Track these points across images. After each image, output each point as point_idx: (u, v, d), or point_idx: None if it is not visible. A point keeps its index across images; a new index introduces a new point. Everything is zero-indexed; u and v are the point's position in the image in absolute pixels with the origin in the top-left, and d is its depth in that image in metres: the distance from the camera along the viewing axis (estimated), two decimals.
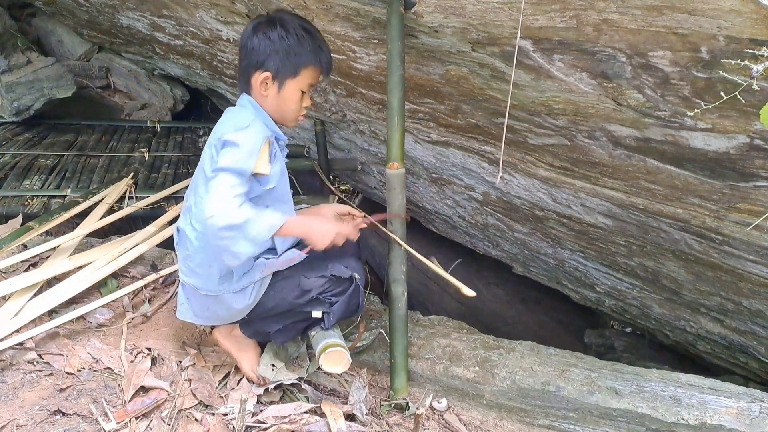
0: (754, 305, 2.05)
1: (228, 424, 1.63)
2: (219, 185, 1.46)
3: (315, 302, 1.71)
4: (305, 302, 1.70)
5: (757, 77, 1.04)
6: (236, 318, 1.75)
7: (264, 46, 1.57)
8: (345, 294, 1.72)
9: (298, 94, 1.64)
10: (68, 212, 2.58)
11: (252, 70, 1.60)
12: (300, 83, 1.62)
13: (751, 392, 1.68)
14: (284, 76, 1.60)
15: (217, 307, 1.69)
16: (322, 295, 1.70)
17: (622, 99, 1.46)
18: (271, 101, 1.63)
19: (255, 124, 1.56)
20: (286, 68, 1.59)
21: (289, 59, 1.58)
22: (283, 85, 1.61)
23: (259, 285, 1.67)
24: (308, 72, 1.62)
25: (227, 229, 1.45)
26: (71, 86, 3.87)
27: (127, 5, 3.19)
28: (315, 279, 1.68)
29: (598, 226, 2.23)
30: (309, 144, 3.51)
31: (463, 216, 3.07)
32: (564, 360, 1.89)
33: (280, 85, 1.61)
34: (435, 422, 1.78)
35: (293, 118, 1.68)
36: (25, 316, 1.88)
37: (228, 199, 1.45)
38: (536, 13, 1.33)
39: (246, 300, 1.66)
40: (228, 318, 1.75)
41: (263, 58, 1.57)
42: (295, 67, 1.59)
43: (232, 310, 1.69)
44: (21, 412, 1.59)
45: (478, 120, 2.07)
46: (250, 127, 1.54)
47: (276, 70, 1.58)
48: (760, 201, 1.51)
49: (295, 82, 1.61)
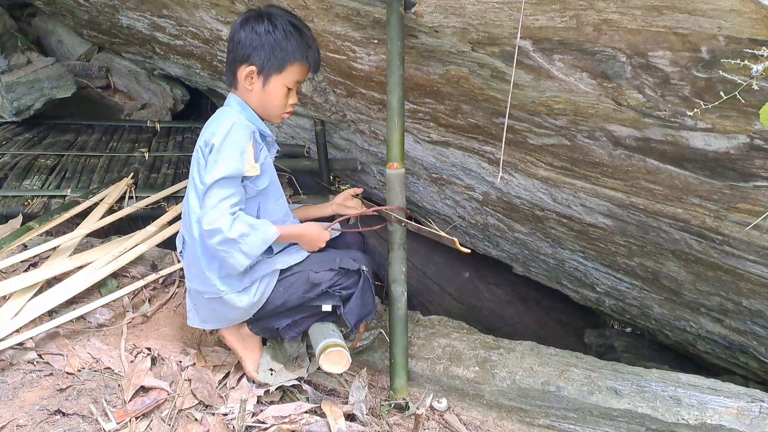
0: (754, 305, 2.05)
1: (228, 424, 1.63)
2: (213, 200, 1.51)
3: (325, 296, 1.71)
4: (315, 296, 1.70)
5: (756, 77, 1.04)
6: (243, 318, 1.76)
7: (250, 40, 1.56)
8: (357, 288, 1.72)
9: (283, 90, 1.62)
10: (68, 212, 2.58)
11: (238, 63, 1.60)
12: (285, 79, 1.61)
13: (751, 392, 1.68)
14: (269, 72, 1.59)
15: (223, 308, 1.69)
16: (332, 289, 1.70)
17: (622, 99, 1.46)
18: (256, 96, 1.62)
19: (237, 126, 1.56)
20: (272, 63, 1.58)
21: (274, 54, 1.57)
22: (269, 80, 1.60)
23: (265, 283, 1.67)
24: (294, 68, 1.61)
25: (222, 243, 1.51)
26: (71, 86, 3.87)
27: (127, 5, 3.19)
28: (324, 273, 1.69)
29: (598, 226, 2.23)
30: (309, 144, 3.51)
31: (463, 216, 3.07)
32: (564, 360, 1.89)
33: (265, 80, 1.60)
34: (435, 422, 1.78)
35: (278, 114, 1.67)
36: (25, 316, 1.88)
37: (223, 213, 1.50)
38: (536, 13, 1.33)
39: (251, 298, 1.66)
40: (235, 319, 1.75)
41: (249, 51, 1.57)
42: (281, 62, 1.58)
43: (238, 310, 1.69)
44: (21, 412, 1.59)
45: (478, 120, 2.07)
46: (232, 129, 1.54)
47: (261, 65, 1.58)
48: (760, 201, 1.51)
49: (281, 78, 1.60)
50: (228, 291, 1.64)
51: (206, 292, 1.68)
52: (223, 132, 1.54)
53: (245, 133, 1.56)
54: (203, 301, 1.72)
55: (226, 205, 1.51)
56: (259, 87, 1.61)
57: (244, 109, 1.64)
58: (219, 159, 1.52)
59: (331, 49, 2.17)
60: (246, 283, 1.65)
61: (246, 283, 1.65)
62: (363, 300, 1.74)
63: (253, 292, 1.66)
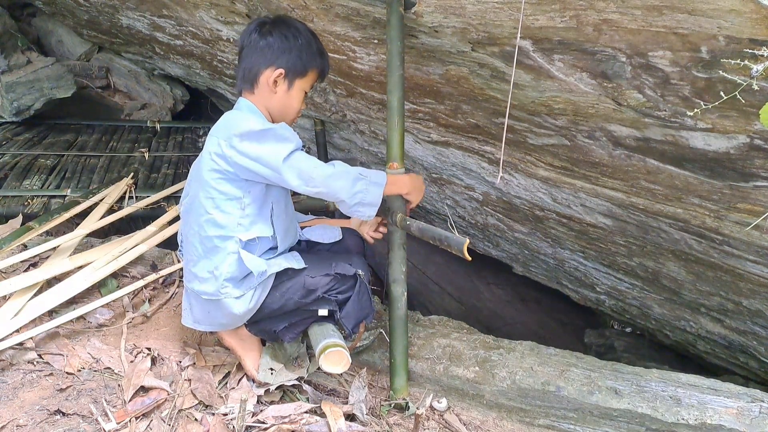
0: (754, 305, 2.05)
1: (228, 424, 1.63)
2: (307, 162, 1.55)
3: (321, 301, 1.71)
4: (311, 301, 1.71)
5: (756, 77, 1.04)
6: (236, 324, 1.75)
7: (279, 44, 1.60)
8: (353, 292, 1.73)
9: (302, 94, 1.68)
10: (68, 212, 2.59)
11: (263, 67, 1.62)
12: (305, 84, 1.67)
13: (751, 392, 1.68)
14: (294, 75, 1.64)
15: (218, 312, 1.69)
16: (328, 294, 1.70)
17: (622, 99, 1.46)
18: (279, 99, 1.65)
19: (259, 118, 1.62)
20: (297, 68, 1.63)
21: (300, 59, 1.62)
22: (293, 83, 1.65)
23: (261, 289, 1.67)
24: (313, 74, 1.68)
25: (355, 181, 1.58)
26: (71, 86, 3.87)
27: (127, 5, 3.19)
28: (319, 278, 1.69)
29: (598, 226, 2.23)
30: (309, 144, 3.52)
31: (463, 216, 3.07)
32: (564, 360, 1.89)
33: (290, 84, 1.64)
34: (435, 422, 1.78)
35: (293, 118, 1.72)
36: (25, 316, 1.88)
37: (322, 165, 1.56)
38: (536, 13, 1.33)
39: (246, 305, 1.66)
40: (228, 324, 1.75)
41: (278, 55, 1.61)
42: (305, 66, 1.64)
43: (232, 316, 1.68)
44: (21, 412, 1.59)
45: (478, 120, 2.07)
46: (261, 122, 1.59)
47: (288, 68, 1.62)
48: (760, 201, 1.51)
49: (302, 83, 1.66)
50: (227, 295, 1.64)
51: (204, 292, 1.67)
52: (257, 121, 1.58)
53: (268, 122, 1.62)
54: (200, 302, 1.72)
55: (316, 163, 1.55)
56: (283, 90, 1.64)
57: (255, 114, 1.65)
58: (272, 136, 1.53)
59: (331, 49, 2.18)
60: (244, 289, 1.64)
61: (244, 289, 1.64)
62: (360, 304, 1.74)
63: (248, 298, 1.65)
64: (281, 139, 1.54)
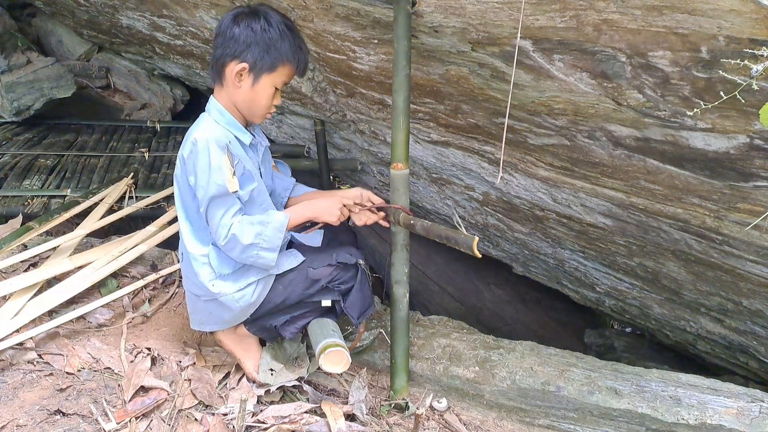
0: (754, 305, 2.05)
1: (228, 424, 1.63)
2: (215, 219, 1.57)
3: (325, 291, 1.71)
4: (315, 292, 1.71)
5: (756, 77, 1.04)
6: (240, 319, 1.75)
7: (245, 36, 1.53)
8: (355, 281, 1.72)
9: (271, 90, 1.60)
10: (68, 212, 2.59)
11: (228, 59, 1.56)
12: (274, 79, 1.59)
13: (751, 392, 1.68)
14: (260, 70, 1.56)
15: (219, 309, 1.69)
16: (331, 284, 1.70)
17: (622, 99, 1.46)
18: (243, 94, 1.59)
19: (211, 144, 1.53)
20: (264, 62, 1.55)
21: (268, 53, 1.55)
22: (258, 78, 1.57)
23: (262, 283, 1.67)
24: (284, 69, 1.59)
25: (245, 251, 1.57)
26: (71, 86, 3.87)
27: (127, 5, 3.19)
28: (322, 269, 1.69)
29: (598, 226, 2.23)
30: (309, 144, 3.51)
31: (463, 216, 3.07)
32: (564, 360, 1.89)
33: (255, 79, 1.57)
34: (435, 422, 1.78)
35: (261, 114, 1.65)
36: (25, 316, 1.89)
37: (229, 226, 1.55)
38: (536, 13, 1.33)
39: (249, 299, 1.66)
40: (231, 321, 1.75)
41: (242, 48, 1.54)
42: (273, 62, 1.56)
43: (234, 311, 1.69)
44: (21, 412, 1.59)
45: (478, 120, 2.07)
46: (205, 147, 1.53)
47: (253, 63, 1.55)
48: (760, 201, 1.51)
49: (270, 78, 1.58)
50: (226, 292, 1.64)
51: (202, 295, 1.68)
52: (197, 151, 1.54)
53: (219, 151, 1.54)
54: (200, 304, 1.72)
55: (228, 218, 1.56)
56: (248, 85, 1.58)
57: (222, 115, 1.62)
58: (201, 183, 1.55)
59: (331, 49, 2.17)
60: (241, 284, 1.65)
61: (241, 284, 1.65)
62: (363, 293, 1.73)
63: (250, 292, 1.66)
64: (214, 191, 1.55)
